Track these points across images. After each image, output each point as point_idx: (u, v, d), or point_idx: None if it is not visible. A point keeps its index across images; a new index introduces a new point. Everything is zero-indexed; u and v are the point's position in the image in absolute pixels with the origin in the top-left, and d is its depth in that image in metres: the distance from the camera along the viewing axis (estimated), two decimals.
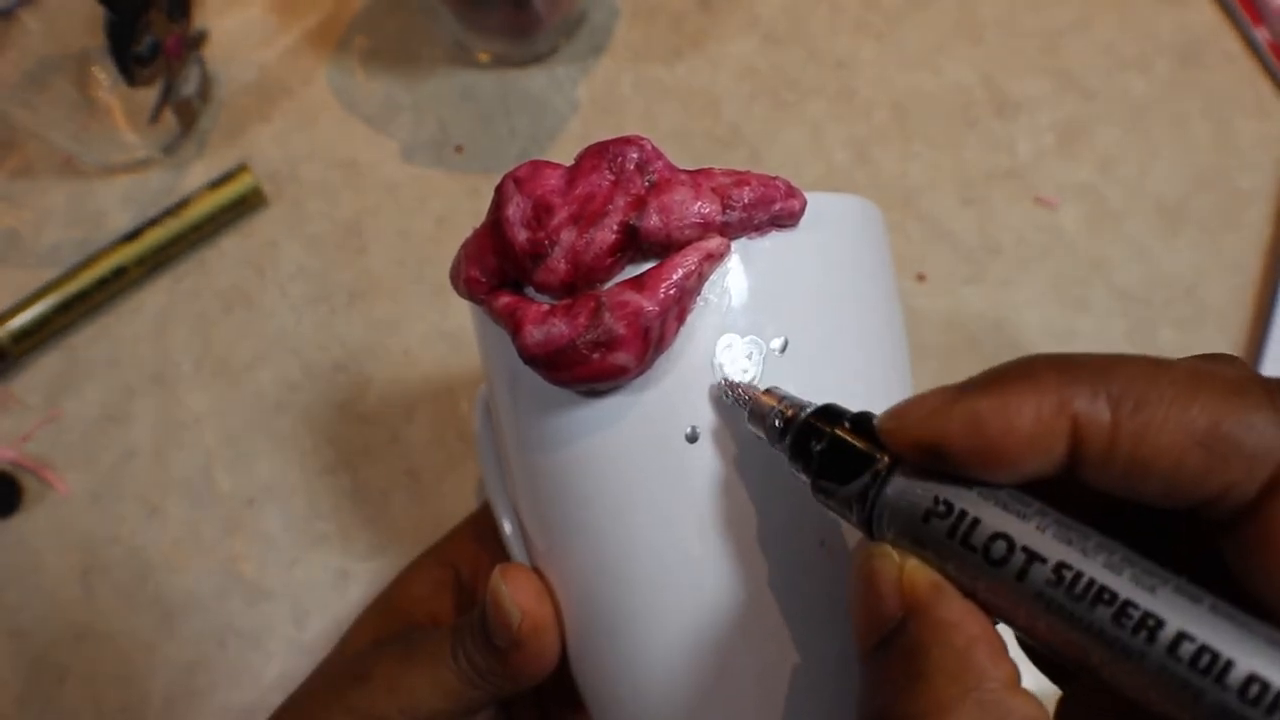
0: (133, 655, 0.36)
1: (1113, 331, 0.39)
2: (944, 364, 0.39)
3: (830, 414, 0.18)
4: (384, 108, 0.45)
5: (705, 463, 0.21)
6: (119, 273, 0.40)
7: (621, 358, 0.19)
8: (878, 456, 0.16)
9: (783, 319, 0.21)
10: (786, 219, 0.21)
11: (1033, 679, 0.16)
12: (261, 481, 0.38)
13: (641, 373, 0.20)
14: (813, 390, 0.21)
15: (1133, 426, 0.14)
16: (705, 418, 0.21)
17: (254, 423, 0.39)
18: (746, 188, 0.20)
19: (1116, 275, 0.40)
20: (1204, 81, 0.44)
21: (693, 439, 0.21)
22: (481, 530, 0.30)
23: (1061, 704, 0.18)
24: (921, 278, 0.40)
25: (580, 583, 0.23)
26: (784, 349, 0.21)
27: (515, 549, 0.26)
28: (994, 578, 0.15)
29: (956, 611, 0.15)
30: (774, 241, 0.21)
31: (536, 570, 0.24)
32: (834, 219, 0.22)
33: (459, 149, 0.44)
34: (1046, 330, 0.39)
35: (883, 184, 0.42)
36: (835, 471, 0.17)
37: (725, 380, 0.20)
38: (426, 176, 0.43)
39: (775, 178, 0.21)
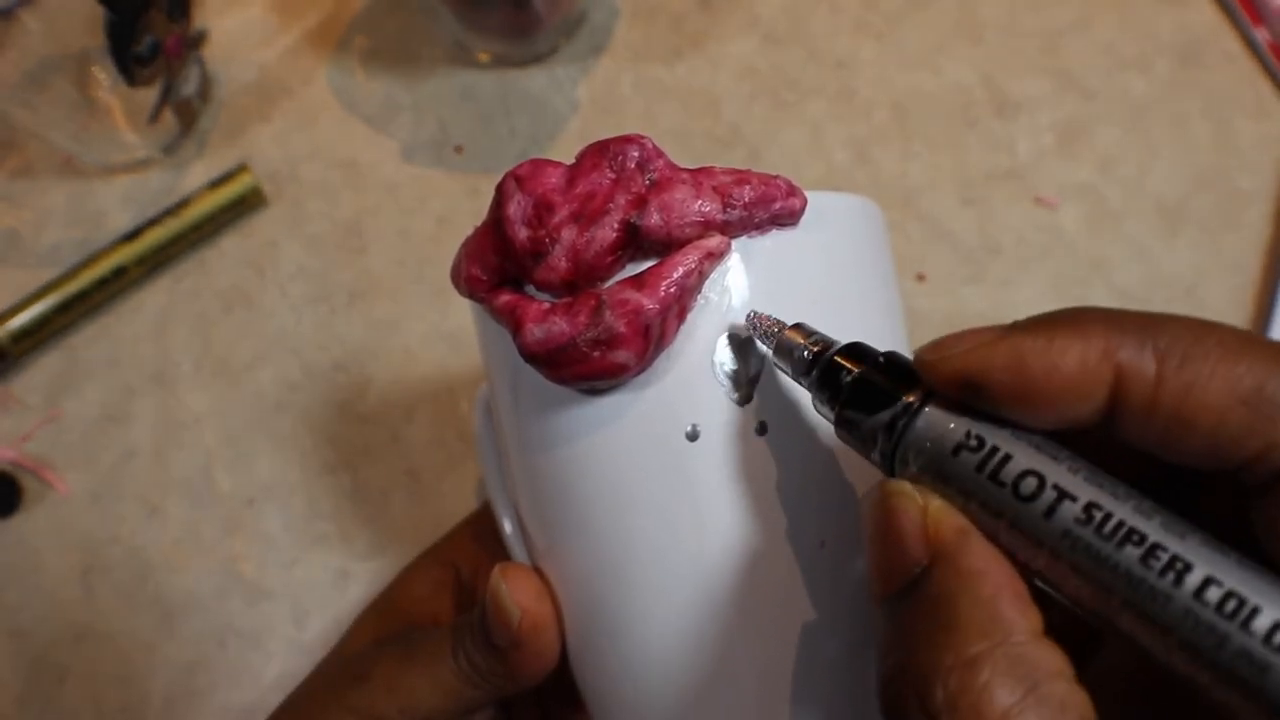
0: (133, 655, 0.36)
1: None
2: None
3: (861, 351, 0.18)
4: (384, 108, 0.45)
5: (706, 461, 0.21)
6: (119, 273, 0.40)
7: (622, 356, 0.19)
8: (907, 391, 0.16)
9: (783, 317, 0.21)
10: (787, 218, 0.21)
11: None
12: (261, 481, 0.38)
13: (642, 371, 0.20)
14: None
15: (1178, 381, 0.14)
16: (706, 416, 0.21)
17: (254, 423, 0.39)
18: (747, 186, 0.20)
19: (1116, 275, 0.40)
20: (1204, 82, 0.44)
21: (693, 437, 0.21)
22: (481, 530, 0.30)
23: None
24: (921, 278, 0.40)
25: (580, 582, 0.23)
26: None
27: (515, 548, 0.26)
28: (1021, 514, 0.14)
29: (983, 558, 0.15)
30: (774, 240, 0.21)
31: (537, 569, 0.24)
32: (835, 218, 0.22)
33: (459, 149, 0.44)
34: None
35: (883, 184, 0.42)
36: (864, 403, 0.17)
37: (752, 312, 0.20)
38: (426, 176, 0.43)
39: (776, 176, 0.21)
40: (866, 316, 0.23)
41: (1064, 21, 0.45)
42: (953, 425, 0.15)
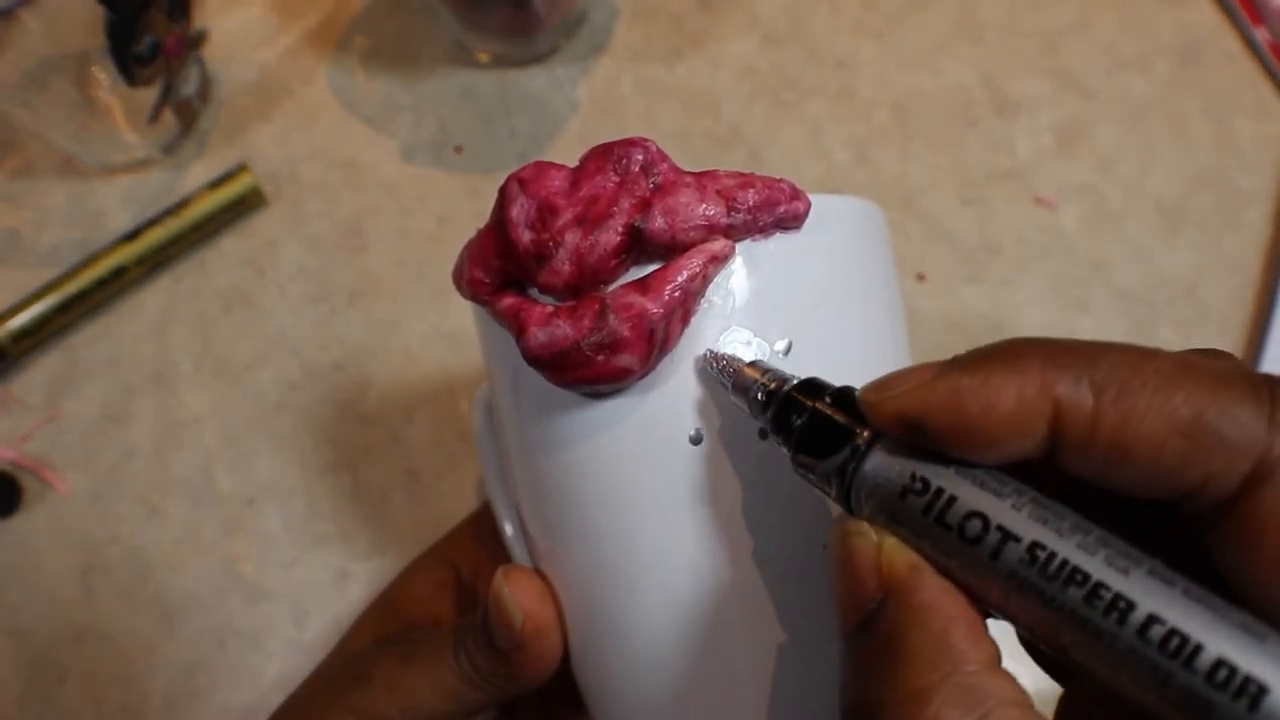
0: (133, 655, 0.36)
1: (1113, 332, 0.39)
2: None
3: (813, 387, 0.18)
4: (384, 108, 0.45)
5: (709, 465, 0.21)
6: (119, 273, 0.40)
7: (626, 360, 0.19)
8: (857, 431, 0.16)
9: (786, 321, 0.21)
10: (791, 221, 0.21)
11: (1031, 680, 0.16)
12: (261, 481, 0.38)
13: (645, 375, 0.20)
14: None
15: (1115, 413, 0.14)
16: (709, 420, 0.21)
17: (254, 422, 0.39)
18: (751, 190, 0.20)
19: (1116, 275, 0.40)
20: (1204, 82, 0.44)
21: (696, 441, 0.21)
22: (481, 530, 0.30)
23: (1062, 702, 0.18)
24: (921, 278, 0.40)
25: (582, 584, 0.23)
26: (788, 351, 0.21)
27: (516, 550, 0.26)
28: (968, 556, 0.14)
29: (933, 592, 0.15)
30: (778, 244, 0.21)
31: (539, 571, 0.24)
32: (838, 221, 0.22)
33: (459, 149, 0.44)
34: (1047, 331, 0.39)
35: (883, 184, 0.42)
36: (815, 445, 0.17)
37: (709, 352, 0.20)
38: (426, 176, 0.43)
39: (780, 180, 0.21)
40: (869, 318, 0.23)
41: (1064, 21, 0.45)
42: (898, 468, 0.15)
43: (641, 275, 0.20)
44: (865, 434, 0.16)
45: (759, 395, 0.19)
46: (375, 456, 0.38)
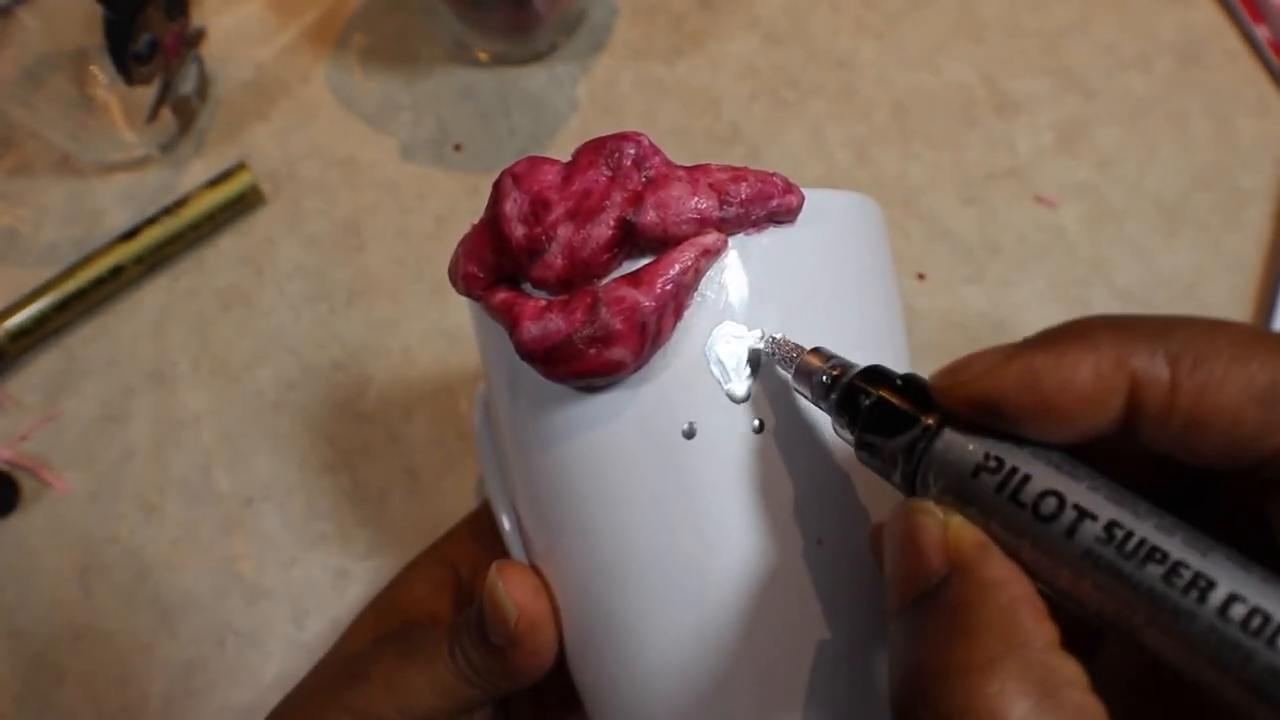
0: (131, 655, 0.36)
1: None
2: (944, 363, 0.39)
3: (879, 373, 0.18)
4: (383, 106, 0.45)
5: (703, 459, 0.21)
6: (117, 271, 0.40)
7: (618, 353, 0.19)
8: (925, 414, 0.16)
9: (780, 315, 0.21)
10: (784, 215, 0.21)
11: None
12: (260, 481, 0.38)
13: (638, 368, 0.20)
14: None
15: (1192, 383, 0.14)
16: (703, 414, 0.21)
17: (252, 422, 0.39)
18: (744, 183, 0.20)
19: (1116, 275, 0.40)
20: (1205, 80, 0.44)
21: (690, 435, 0.21)
22: (480, 529, 0.30)
23: None
24: (921, 277, 0.40)
25: (578, 580, 0.23)
26: None
27: (514, 546, 0.26)
28: (1042, 534, 0.14)
29: (1002, 570, 0.15)
30: (772, 238, 0.21)
31: (534, 568, 0.24)
32: (832, 216, 0.22)
33: (458, 147, 0.44)
34: None
35: (883, 183, 0.42)
36: (884, 425, 0.17)
37: (770, 338, 0.20)
38: (425, 175, 0.43)
39: (773, 174, 0.21)
40: (865, 313, 0.23)
41: (1064, 21, 0.45)
42: (971, 447, 0.15)
43: (634, 269, 0.20)
44: (933, 417, 0.16)
45: (824, 379, 0.19)
46: (374, 456, 0.38)
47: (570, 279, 0.20)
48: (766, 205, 0.21)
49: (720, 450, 0.21)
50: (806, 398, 0.19)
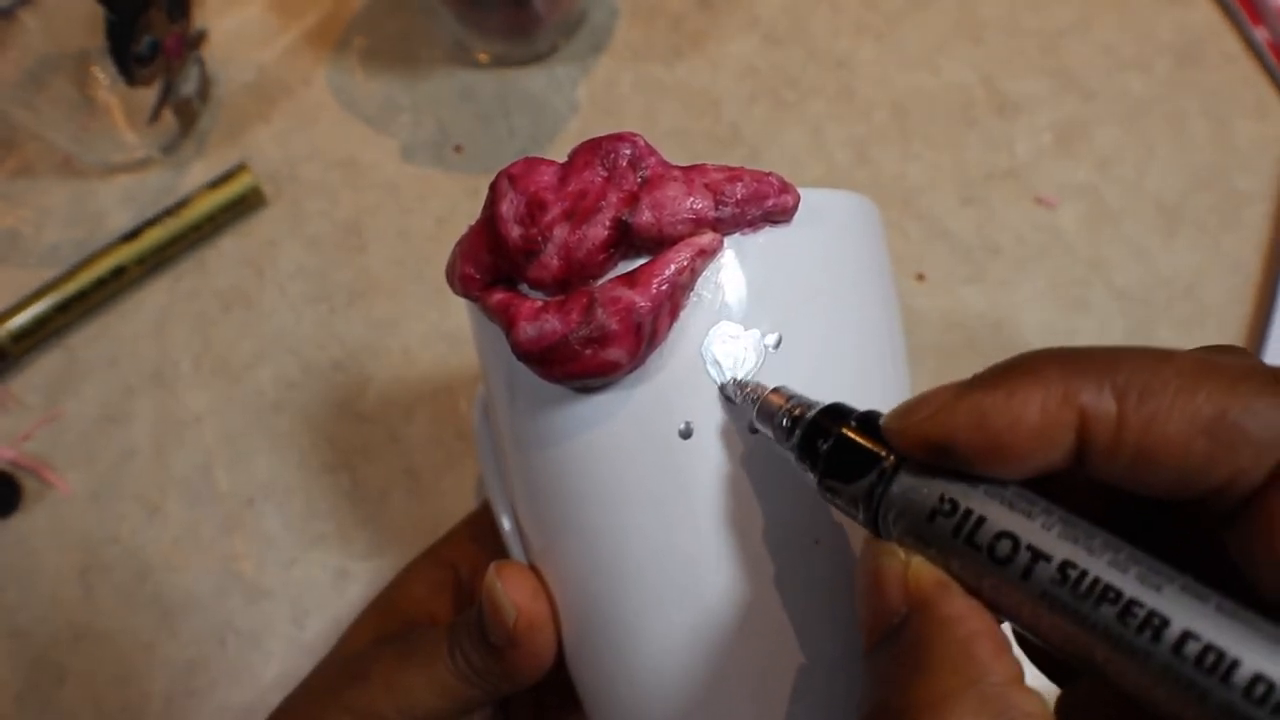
0: (132, 655, 0.36)
1: (1112, 331, 0.39)
2: (943, 364, 0.39)
3: (837, 413, 0.18)
4: (383, 107, 0.45)
5: (699, 459, 0.21)
6: (118, 272, 0.40)
7: (614, 353, 0.19)
8: (883, 455, 0.16)
9: (777, 315, 0.21)
10: (780, 215, 0.21)
11: (1031, 677, 0.16)
12: (261, 481, 0.38)
13: (635, 369, 0.20)
14: (808, 387, 0.21)
15: (1138, 417, 0.14)
16: (699, 414, 0.21)
17: (253, 422, 0.39)
18: (739, 183, 0.20)
19: (1115, 275, 0.40)
20: (1203, 81, 0.44)
21: (687, 435, 0.21)
22: (479, 530, 0.30)
23: (1060, 702, 0.18)
24: (921, 277, 0.40)
25: (576, 580, 0.23)
26: (778, 345, 0.21)
27: (514, 546, 0.26)
28: (999, 576, 0.14)
29: (959, 607, 0.15)
30: (768, 237, 0.21)
31: (533, 568, 0.24)
32: (829, 215, 0.22)
33: (458, 149, 0.44)
34: (1046, 330, 0.39)
35: (882, 184, 0.42)
36: (841, 470, 0.17)
37: (734, 380, 0.20)
38: (426, 176, 0.43)
39: (769, 173, 0.21)
40: (863, 313, 0.23)
41: (1064, 21, 0.45)
42: (926, 490, 0.15)
43: (630, 269, 0.20)
44: (891, 458, 0.16)
45: (784, 421, 0.19)
46: (374, 456, 0.38)
47: (566, 279, 0.20)
48: (762, 205, 0.21)
49: (717, 450, 0.21)
50: (770, 438, 0.19)
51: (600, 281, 0.20)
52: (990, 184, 0.42)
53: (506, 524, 0.26)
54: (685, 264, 0.20)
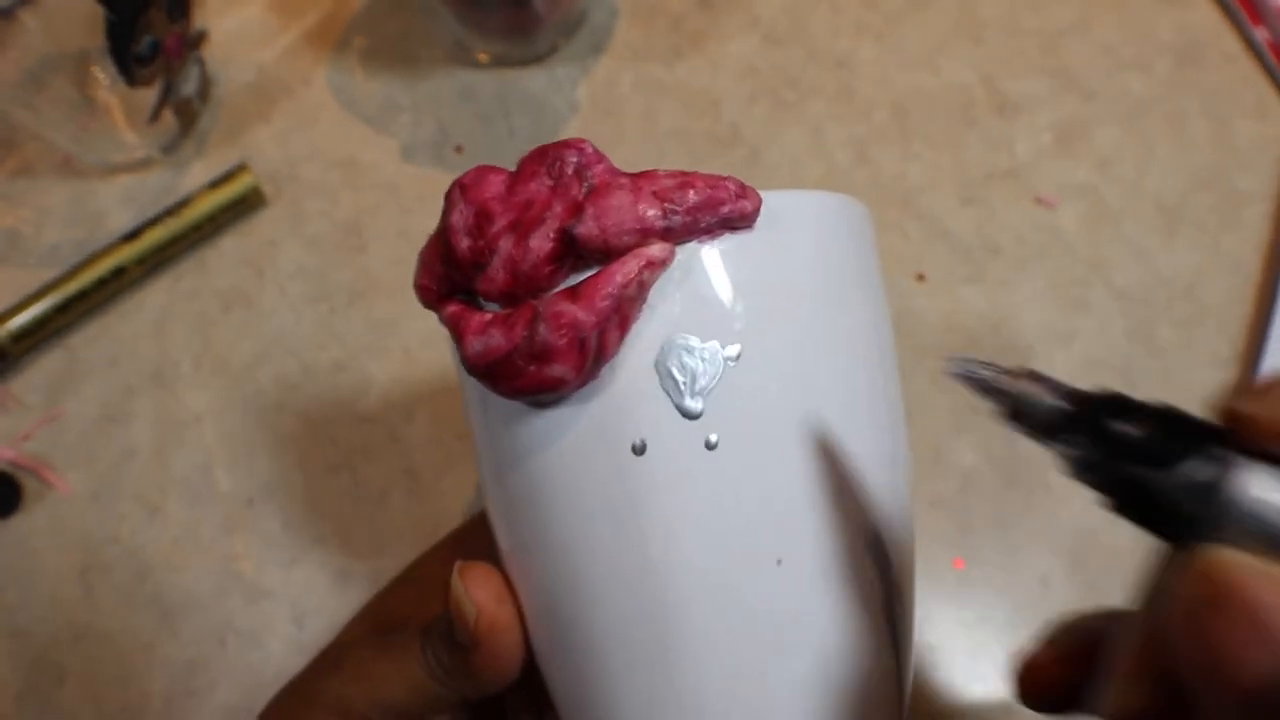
0: (132, 655, 0.36)
1: (1113, 332, 0.39)
2: (944, 364, 0.39)
3: (1127, 401, 0.15)
4: (383, 108, 0.45)
5: (653, 475, 0.20)
6: (118, 272, 0.40)
7: (558, 370, 0.19)
8: (1216, 442, 0.14)
9: (737, 326, 0.20)
10: (739, 221, 0.20)
11: None
12: (261, 481, 0.38)
13: (584, 384, 0.20)
14: (773, 403, 0.20)
15: None
16: (652, 429, 0.20)
17: (254, 422, 0.39)
18: (691, 190, 0.19)
19: (1115, 275, 0.40)
20: (1203, 81, 0.44)
21: (640, 451, 0.20)
22: (463, 547, 0.29)
23: None
24: (921, 278, 0.40)
25: (540, 589, 0.23)
26: (738, 358, 0.20)
27: None
28: None
29: None
30: (726, 245, 0.20)
31: (501, 572, 0.24)
32: (800, 220, 0.21)
33: (459, 149, 0.44)
34: (1046, 330, 0.39)
35: (883, 184, 0.42)
36: (1158, 459, 0.14)
37: (964, 359, 0.17)
38: (426, 176, 0.43)
39: (725, 178, 0.20)
40: (838, 321, 0.22)
41: (1064, 21, 0.45)
42: None
43: (578, 281, 0.19)
44: (1224, 448, 0.14)
45: (1055, 408, 0.15)
46: (374, 456, 0.38)
47: (513, 292, 0.20)
48: (717, 212, 0.20)
49: (670, 466, 0.20)
50: (1024, 433, 0.16)
51: (549, 294, 0.20)
52: (990, 184, 0.42)
53: None
54: (633, 276, 0.19)
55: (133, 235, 0.41)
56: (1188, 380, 0.38)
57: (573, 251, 0.19)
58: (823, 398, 0.21)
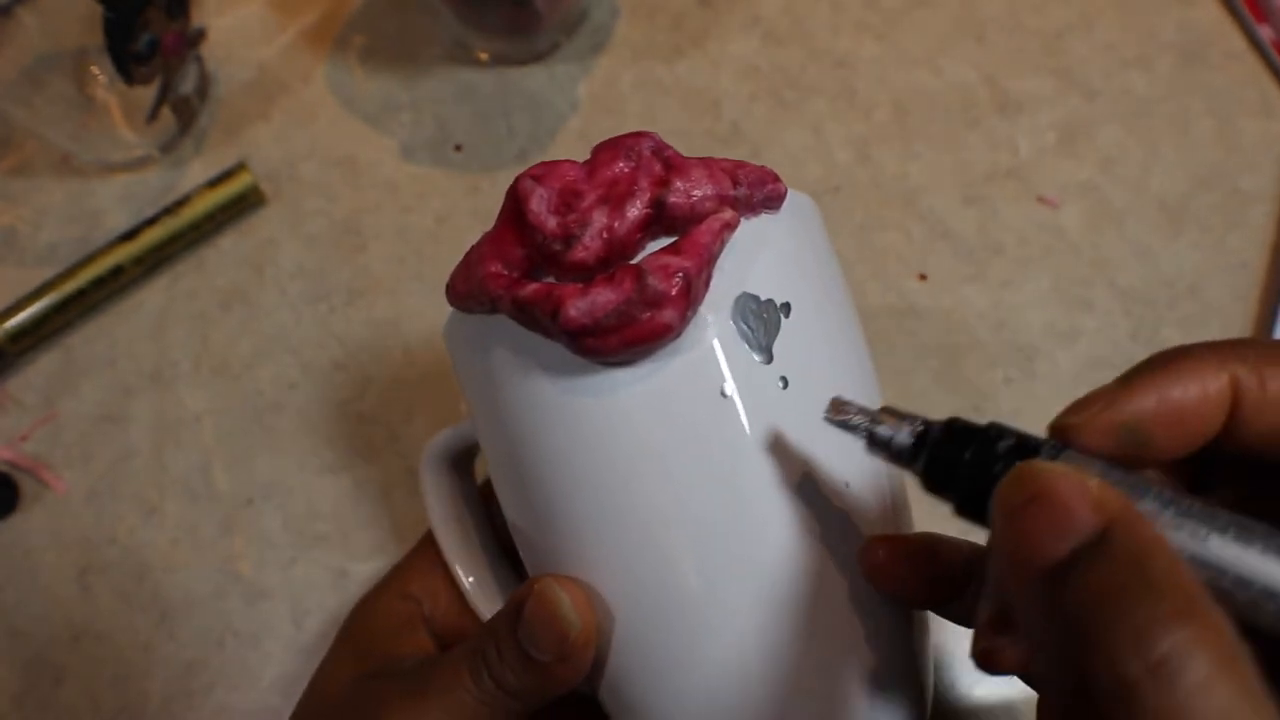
0: (130, 655, 0.36)
1: (1116, 331, 0.39)
2: (945, 364, 0.39)
3: (965, 426, 0.18)
4: (383, 106, 0.45)
5: (740, 417, 0.22)
6: (117, 272, 0.40)
7: (668, 315, 0.21)
8: (1046, 444, 0.17)
9: (783, 286, 0.23)
10: (775, 201, 0.24)
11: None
12: (260, 481, 0.38)
13: (682, 332, 0.22)
14: (817, 347, 0.23)
15: (1276, 390, 0.16)
16: (734, 377, 0.22)
17: (253, 422, 0.39)
18: (746, 169, 0.23)
19: (1119, 275, 0.40)
20: (1207, 80, 0.44)
21: (728, 395, 0.22)
22: (438, 559, 0.29)
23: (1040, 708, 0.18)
24: (923, 277, 0.40)
25: (622, 572, 0.23)
26: (788, 313, 0.23)
27: (480, 603, 0.28)
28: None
29: (1157, 533, 0.15)
30: (765, 221, 0.24)
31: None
32: (802, 209, 0.25)
33: (458, 148, 0.44)
34: (1049, 330, 0.39)
35: (884, 183, 0.42)
36: (985, 467, 0.17)
37: (838, 400, 0.21)
38: (426, 175, 0.43)
39: (763, 167, 0.24)
40: (843, 293, 0.26)
41: (1066, 20, 0.45)
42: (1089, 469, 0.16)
43: (663, 246, 0.22)
44: (1047, 450, 0.17)
45: (906, 440, 0.19)
46: (374, 456, 0.38)
47: (607, 259, 0.22)
48: (764, 190, 0.23)
49: (754, 408, 0.22)
50: (886, 459, 0.19)
51: (635, 260, 0.22)
52: (992, 183, 0.42)
53: (469, 580, 0.28)
54: (717, 233, 0.22)
55: (131, 234, 0.40)
56: None
57: (660, 220, 0.22)
58: (849, 350, 0.25)
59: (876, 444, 0.19)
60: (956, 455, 0.17)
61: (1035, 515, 0.15)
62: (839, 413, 0.20)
